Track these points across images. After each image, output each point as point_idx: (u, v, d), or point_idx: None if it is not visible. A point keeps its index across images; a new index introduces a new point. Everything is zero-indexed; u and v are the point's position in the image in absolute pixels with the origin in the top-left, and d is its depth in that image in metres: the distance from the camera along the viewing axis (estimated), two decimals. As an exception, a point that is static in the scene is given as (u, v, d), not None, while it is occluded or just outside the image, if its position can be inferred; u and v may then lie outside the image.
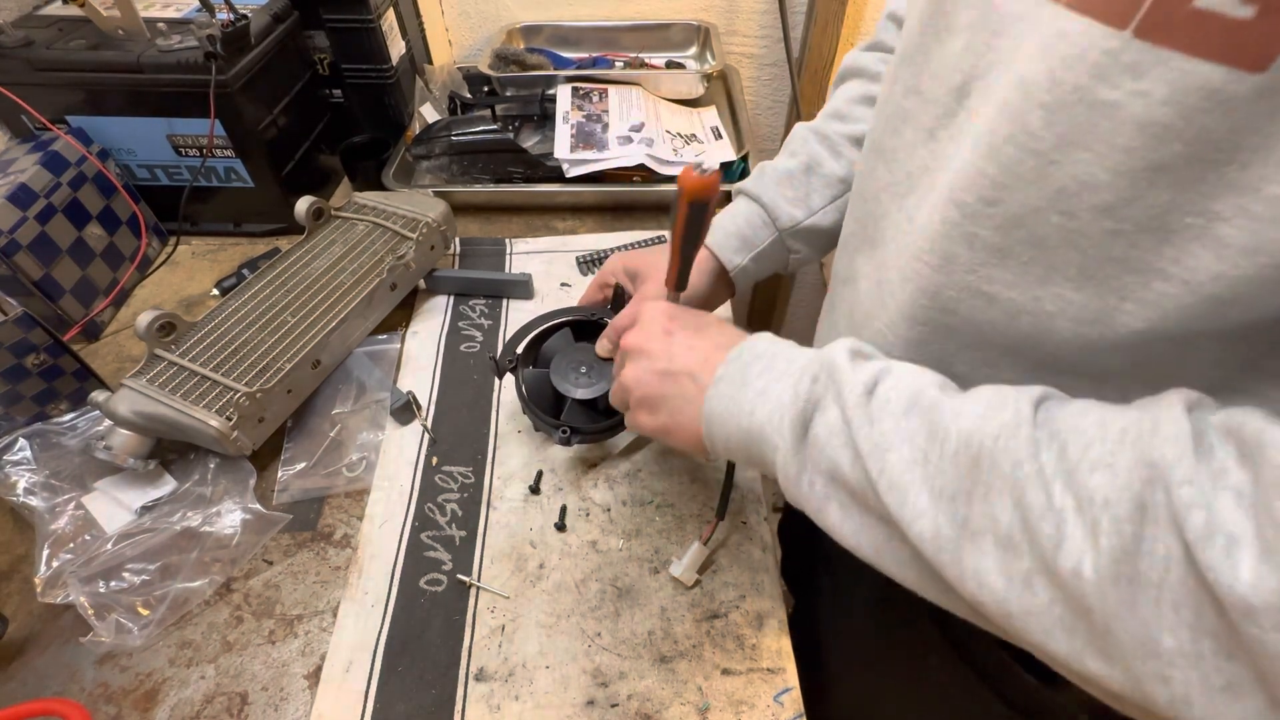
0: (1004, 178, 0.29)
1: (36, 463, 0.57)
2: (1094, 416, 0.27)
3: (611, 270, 0.59)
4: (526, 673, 0.47)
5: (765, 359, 0.38)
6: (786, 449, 0.34)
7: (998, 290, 0.32)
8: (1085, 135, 0.26)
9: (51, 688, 0.47)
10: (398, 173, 0.85)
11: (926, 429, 0.30)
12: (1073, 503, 0.25)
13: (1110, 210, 0.27)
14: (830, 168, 0.56)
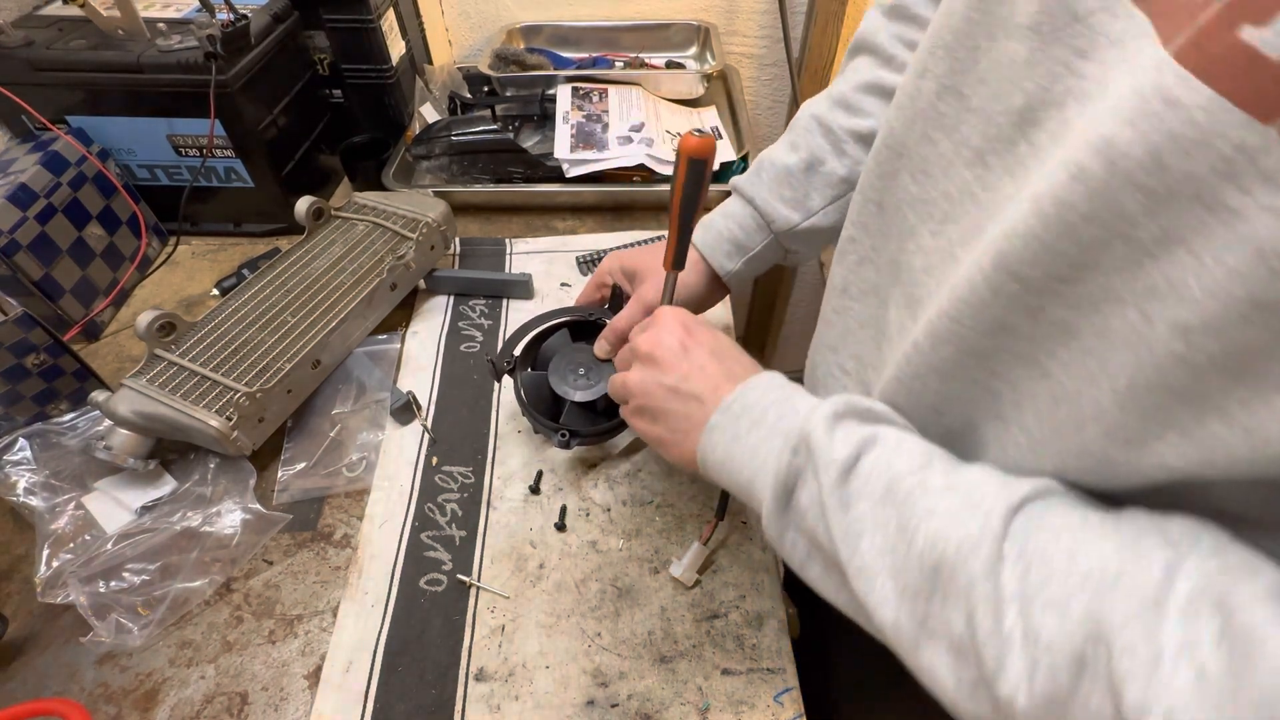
0: (1085, 258, 0.25)
1: (36, 463, 0.57)
2: (1065, 543, 0.26)
3: (608, 269, 0.59)
4: (526, 673, 0.47)
5: (755, 412, 0.37)
6: (770, 511, 0.35)
7: (1055, 368, 0.28)
8: (1194, 237, 0.21)
9: (51, 688, 0.47)
10: (398, 173, 0.85)
11: (898, 522, 0.30)
12: (1020, 634, 0.25)
13: (1186, 332, 0.22)
14: (832, 166, 0.53)
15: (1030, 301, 0.27)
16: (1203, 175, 0.21)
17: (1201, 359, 0.22)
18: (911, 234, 0.36)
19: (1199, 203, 0.21)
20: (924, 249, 0.35)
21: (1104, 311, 0.25)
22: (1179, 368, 0.23)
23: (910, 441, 0.33)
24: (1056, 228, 0.25)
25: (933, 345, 0.32)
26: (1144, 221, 0.23)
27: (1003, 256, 0.27)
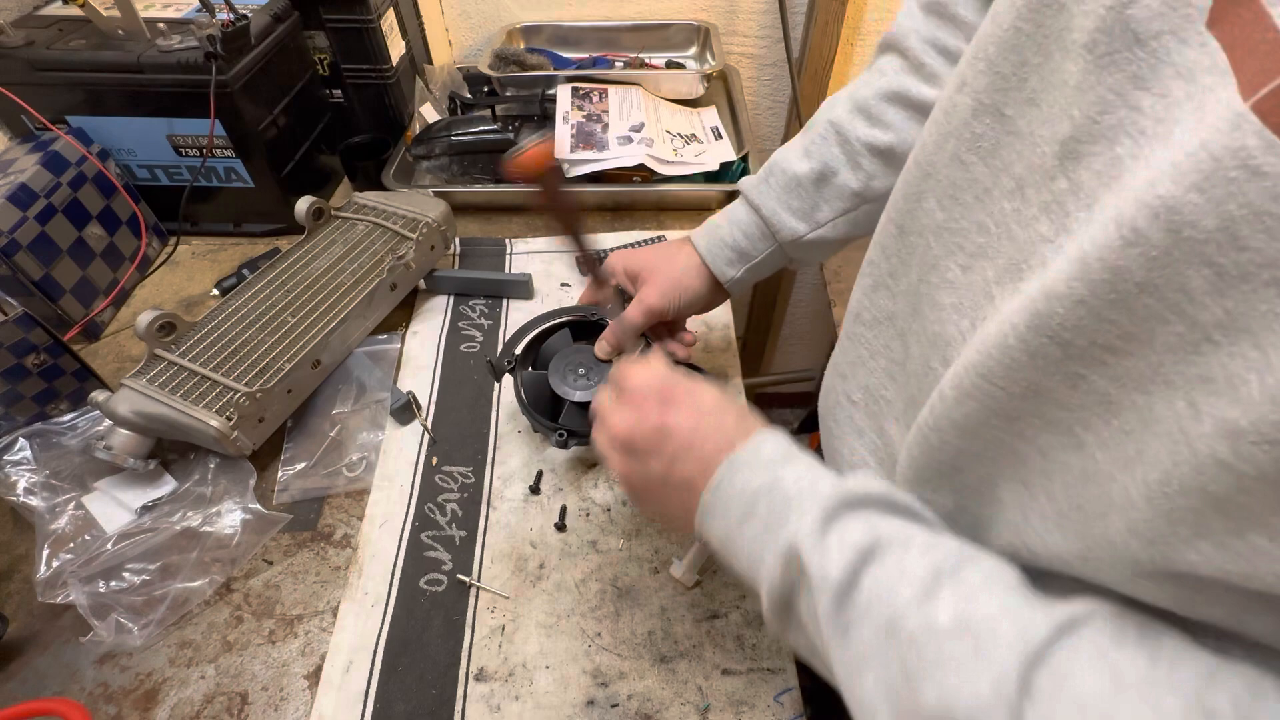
0: (1135, 329, 0.22)
1: (37, 462, 0.57)
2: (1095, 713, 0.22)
3: (611, 272, 0.59)
4: (526, 673, 0.47)
5: (745, 501, 0.34)
6: (769, 616, 0.33)
7: (1089, 441, 0.25)
8: (1264, 330, 0.19)
9: (51, 687, 0.47)
10: (398, 173, 0.85)
11: (901, 667, 0.26)
12: None
13: (1234, 437, 0.19)
14: (845, 179, 0.50)
15: (1071, 368, 0.24)
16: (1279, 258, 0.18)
17: (1249, 470, 0.19)
18: (935, 266, 0.33)
19: (1274, 286, 0.18)
20: (953, 284, 0.32)
21: (1151, 393, 0.22)
22: (1221, 474, 0.20)
23: (914, 555, 0.29)
24: (1106, 294, 0.22)
25: (957, 399, 0.29)
26: (1209, 303, 0.20)
27: (1041, 318, 0.24)
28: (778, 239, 0.53)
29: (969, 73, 0.30)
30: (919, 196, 0.34)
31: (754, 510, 0.34)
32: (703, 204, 0.85)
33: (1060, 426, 0.26)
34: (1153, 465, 0.22)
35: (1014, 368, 0.26)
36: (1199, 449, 0.20)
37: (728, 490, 0.35)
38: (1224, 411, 0.20)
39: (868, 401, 0.41)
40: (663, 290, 0.54)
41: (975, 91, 0.29)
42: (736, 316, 0.74)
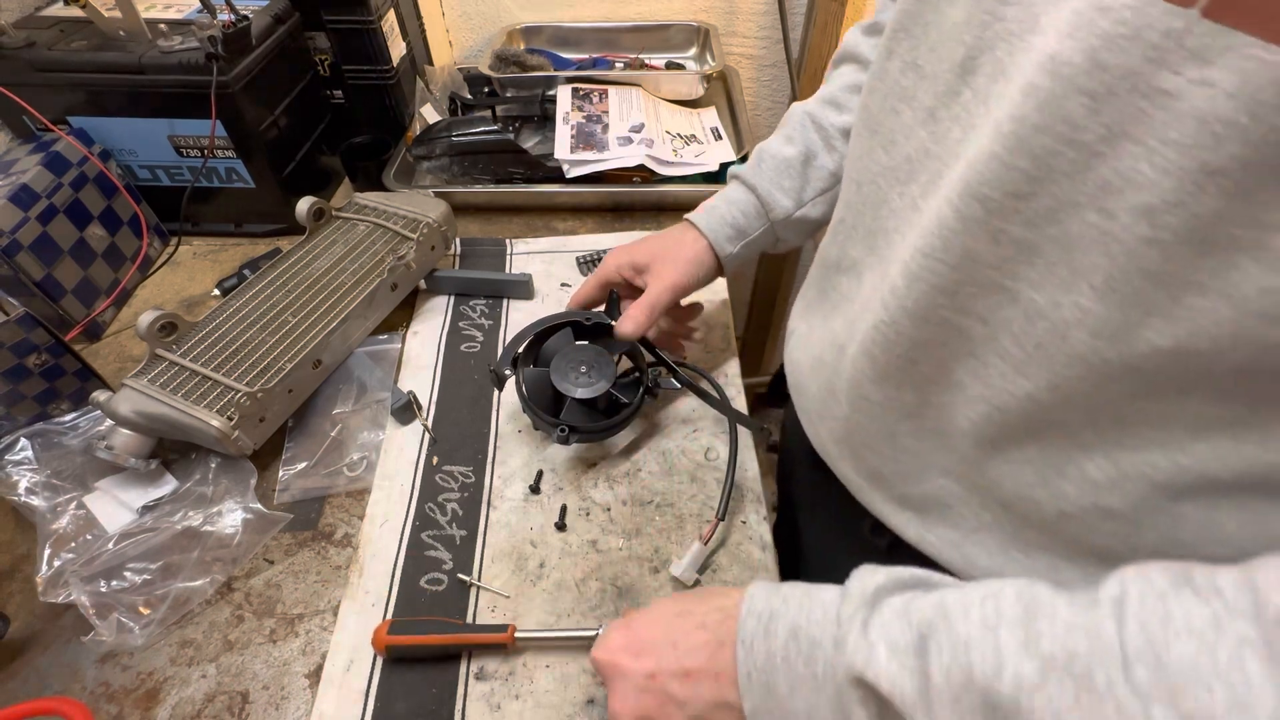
0: (1037, 170, 0.27)
1: (38, 462, 0.57)
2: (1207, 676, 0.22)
3: (615, 265, 0.59)
4: (526, 672, 0.47)
5: (781, 671, 0.32)
6: None
7: (1022, 289, 0.30)
8: (1136, 127, 0.24)
9: (53, 687, 0.48)
10: (398, 173, 0.85)
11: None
12: None
13: (1149, 213, 0.24)
14: (824, 161, 0.57)
15: (993, 224, 0.29)
16: (1137, 66, 0.23)
17: (1168, 236, 0.24)
18: (885, 201, 0.38)
19: (1136, 93, 0.23)
20: (895, 211, 0.37)
21: (1061, 221, 0.27)
22: (1149, 250, 0.25)
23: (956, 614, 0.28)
24: (1012, 143, 0.27)
25: (907, 285, 0.34)
26: (1088, 123, 0.25)
27: (967, 183, 0.29)
28: (770, 217, 0.58)
29: (893, 43, 0.37)
30: (869, 150, 0.40)
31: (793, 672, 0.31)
32: (703, 204, 0.85)
33: (992, 285, 0.31)
34: (1093, 272, 0.27)
35: (950, 237, 0.31)
36: (1124, 239, 0.25)
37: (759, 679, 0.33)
38: (1131, 201, 0.25)
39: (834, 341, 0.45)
40: (681, 269, 0.57)
41: (901, 55, 0.36)
42: (736, 316, 0.74)
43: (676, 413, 0.63)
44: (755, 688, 0.32)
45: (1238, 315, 0.24)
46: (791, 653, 0.32)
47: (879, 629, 0.29)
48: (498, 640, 0.47)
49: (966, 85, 0.31)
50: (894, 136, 0.37)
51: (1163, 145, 0.23)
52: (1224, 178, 0.22)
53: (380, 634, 0.47)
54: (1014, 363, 0.31)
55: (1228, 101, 0.21)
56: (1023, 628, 0.26)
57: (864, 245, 0.41)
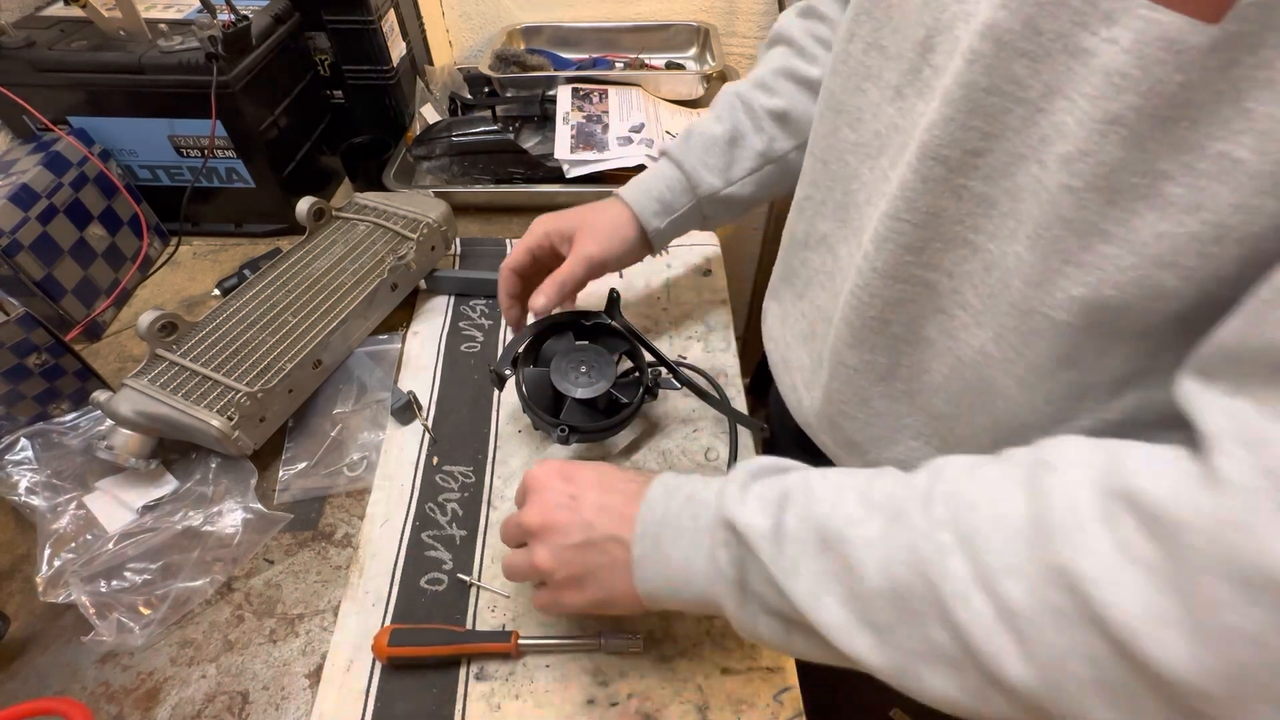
0: (990, 127, 0.30)
1: (38, 462, 0.57)
2: (986, 512, 0.28)
3: (544, 232, 0.59)
4: (527, 672, 0.47)
5: (670, 525, 0.37)
6: (734, 608, 0.35)
7: (981, 240, 0.33)
8: (1066, 83, 0.27)
9: (53, 687, 0.48)
10: (398, 173, 0.85)
11: (841, 565, 0.30)
12: (993, 612, 0.26)
13: (1068, 162, 0.27)
14: (752, 141, 0.58)
15: (954, 182, 0.32)
16: (1065, 29, 0.26)
17: (1079, 183, 0.27)
18: (855, 176, 0.40)
19: (1066, 53, 0.26)
20: (865, 184, 0.39)
21: (1013, 174, 0.30)
22: (1067, 197, 0.27)
23: (815, 481, 0.34)
24: (964, 106, 0.30)
25: (877, 248, 0.36)
26: (1031, 82, 0.28)
27: (925, 146, 0.32)
28: (696, 194, 0.59)
29: (855, 26, 0.39)
30: (835, 129, 0.42)
31: (680, 528, 0.36)
32: (703, 204, 0.85)
33: (956, 240, 0.33)
34: (1028, 220, 0.29)
35: (914, 198, 0.33)
36: (1050, 186, 0.28)
37: (652, 529, 0.37)
38: (1058, 150, 0.27)
39: (813, 314, 0.47)
40: (599, 240, 0.57)
41: (863, 37, 0.38)
42: (736, 317, 0.74)
43: (676, 413, 0.63)
44: (646, 538, 0.37)
45: (1139, 261, 0.26)
46: (684, 513, 0.37)
47: (755, 490, 0.35)
48: (501, 649, 0.47)
49: (927, 63, 0.33)
50: (860, 115, 0.39)
51: (1081, 98, 0.26)
52: (1122, 126, 0.25)
53: (381, 644, 0.47)
54: (974, 313, 0.34)
55: (1124, 56, 0.24)
56: (863, 487, 0.32)
57: (835, 219, 0.43)
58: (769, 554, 0.32)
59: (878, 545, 0.29)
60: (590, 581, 0.39)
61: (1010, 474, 0.29)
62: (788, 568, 0.32)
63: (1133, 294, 0.27)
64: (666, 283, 0.75)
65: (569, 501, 0.40)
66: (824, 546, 0.31)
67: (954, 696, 0.28)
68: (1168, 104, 0.24)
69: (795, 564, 0.32)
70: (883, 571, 0.29)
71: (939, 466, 0.31)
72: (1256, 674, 0.21)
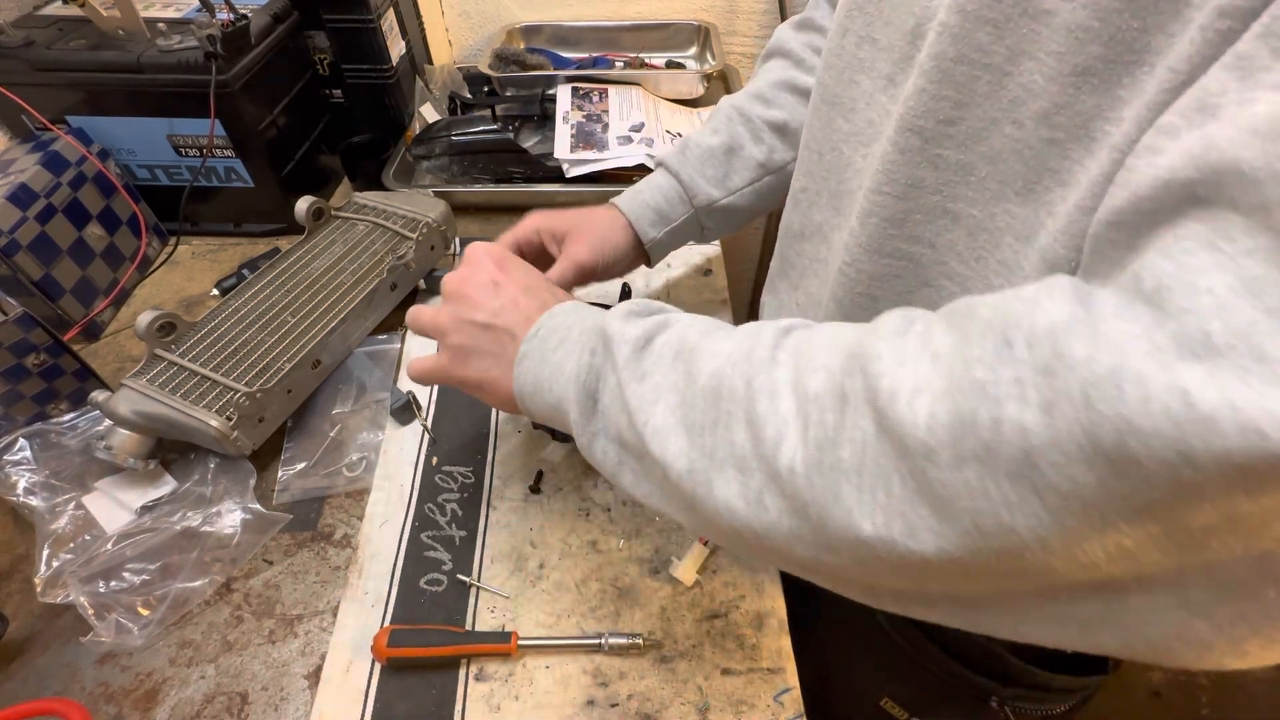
0: (961, 96, 0.31)
1: (37, 462, 0.57)
2: (829, 330, 0.29)
3: (535, 228, 0.57)
4: (526, 673, 0.47)
5: (560, 332, 0.38)
6: (579, 420, 0.35)
7: (962, 208, 0.33)
8: (1030, 44, 0.28)
9: (52, 687, 0.47)
10: (398, 173, 0.85)
11: (685, 371, 0.31)
12: (794, 405, 0.27)
13: (1046, 117, 0.28)
14: (750, 151, 0.58)
15: (930, 151, 0.33)
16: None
17: (1062, 135, 0.28)
18: (848, 164, 0.41)
19: (1026, 15, 0.28)
20: (858, 171, 0.40)
21: (986, 138, 0.31)
22: (1051, 151, 0.29)
23: (700, 319, 0.35)
24: (936, 76, 0.31)
25: (861, 223, 0.37)
26: (995, 48, 0.29)
27: (903, 119, 0.33)
28: (694, 204, 0.58)
29: (848, 21, 0.40)
30: (828, 121, 0.43)
31: (567, 336, 0.37)
32: (703, 204, 0.85)
33: (936, 210, 0.34)
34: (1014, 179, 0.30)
35: (893, 170, 0.34)
36: (1033, 143, 0.29)
37: (545, 331, 0.38)
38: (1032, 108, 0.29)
39: (808, 304, 0.47)
40: (591, 245, 0.55)
41: (856, 31, 0.39)
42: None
43: (676, 413, 0.63)
44: (536, 338, 0.38)
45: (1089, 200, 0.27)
46: (575, 324, 0.38)
47: (639, 314, 0.35)
48: (500, 650, 0.47)
49: (916, 49, 0.34)
50: (854, 105, 0.40)
51: (1048, 56, 0.27)
52: (1093, 76, 0.26)
53: (380, 645, 0.47)
54: (960, 281, 0.35)
55: (1083, 10, 0.26)
56: (734, 332, 0.32)
57: (829, 208, 0.44)
58: (624, 359, 0.33)
59: (719, 356, 0.30)
60: (474, 360, 0.41)
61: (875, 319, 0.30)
62: (637, 374, 0.32)
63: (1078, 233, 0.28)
64: (666, 283, 0.75)
65: (490, 284, 0.42)
66: (676, 358, 0.32)
67: (735, 505, 0.28)
68: (1129, 49, 0.25)
69: (646, 372, 0.32)
70: (713, 373, 0.30)
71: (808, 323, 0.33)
72: (977, 429, 0.21)
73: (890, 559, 0.24)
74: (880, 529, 0.24)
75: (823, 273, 0.45)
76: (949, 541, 0.22)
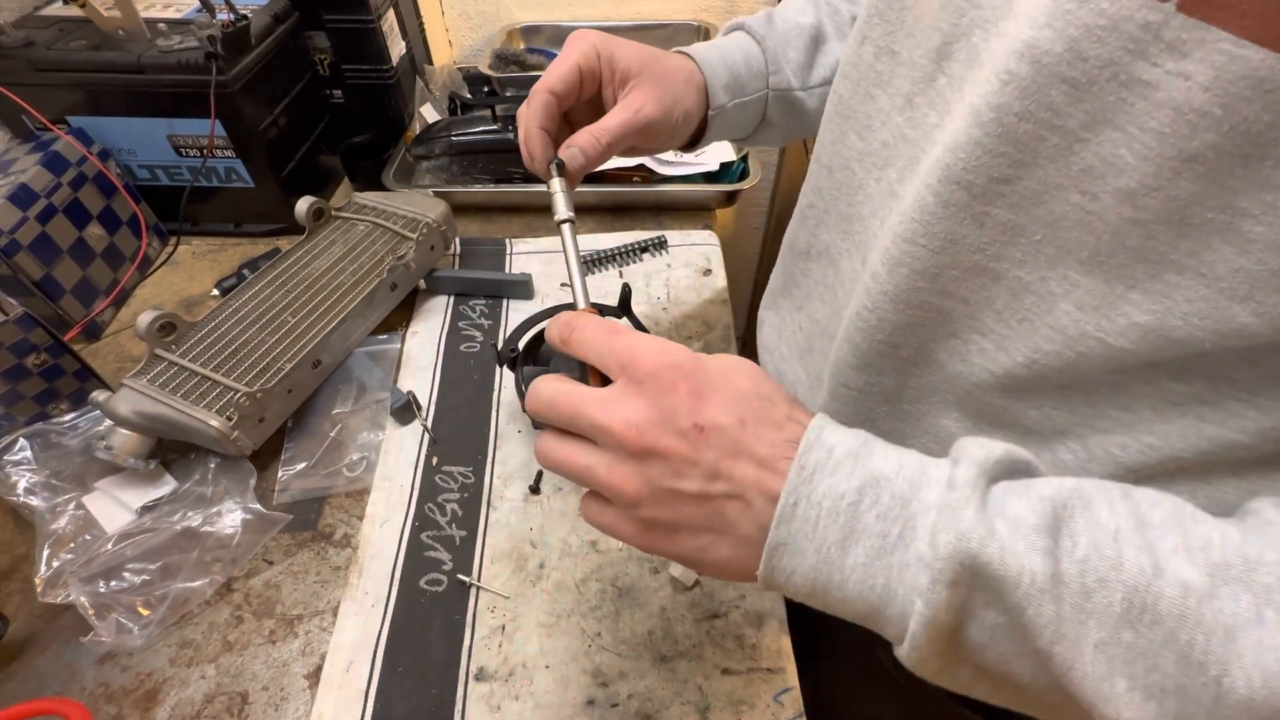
0: (1022, 155, 0.27)
1: (37, 462, 0.57)
2: None
3: (595, 51, 0.44)
4: (526, 673, 0.47)
5: (842, 515, 0.27)
6: (919, 651, 0.26)
7: (1006, 268, 0.30)
8: (1117, 115, 0.25)
9: (52, 687, 0.47)
10: (398, 173, 0.85)
11: (1176, 652, 0.23)
12: None
13: (1131, 196, 0.25)
14: (833, 47, 0.51)
15: (976, 209, 0.29)
16: (1117, 57, 0.24)
17: (1149, 217, 0.25)
18: (860, 187, 0.38)
19: (1116, 82, 0.24)
20: (870, 196, 0.37)
21: (1045, 202, 0.28)
22: (1132, 230, 0.26)
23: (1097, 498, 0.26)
24: (994, 130, 0.27)
25: (889, 271, 0.33)
26: (1071, 110, 0.26)
27: (948, 169, 0.29)
28: (770, 82, 0.50)
29: (867, 28, 0.37)
30: (842, 135, 0.40)
31: (857, 526, 0.26)
32: (703, 204, 0.85)
33: (975, 269, 0.31)
34: (1079, 248, 0.28)
35: (932, 222, 0.31)
36: (1109, 219, 0.26)
37: (806, 510, 0.27)
38: (1114, 185, 0.26)
39: (811, 328, 0.45)
40: (662, 100, 0.44)
41: (874, 40, 0.36)
42: (736, 317, 0.74)
43: (676, 413, 0.63)
44: (805, 521, 0.27)
45: (1211, 293, 0.25)
46: (874, 510, 0.26)
47: (1005, 505, 0.25)
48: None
49: (942, 71, 0.32)
50: (869, 122, 0.37)
51: (1142, 133, 0.24)
52: (1199, 164, 0.23)
53: None
54: (995, 338, 0.32)
55: (1202, 94, 0.22)
56: (1179, 530, 0.24)
57: (838, 230, 0.41)
58: (1044, 614, 0.24)
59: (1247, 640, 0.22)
60: (686, 537, 0.29)
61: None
62: (1067, 631, 0.24)
63: (1199, 325, 0.25)
64: (666, 283, 0.75)
65: (694, 432, 0.28)
66: (1136, 614, 0.23)
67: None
68: (1252, 143, 0.22)
69: (1078, 626, 0.23)
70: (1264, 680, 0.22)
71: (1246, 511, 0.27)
72: None
73: None
74: None
75: (830, 300, 0.43)
76: None
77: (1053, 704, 0.26)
